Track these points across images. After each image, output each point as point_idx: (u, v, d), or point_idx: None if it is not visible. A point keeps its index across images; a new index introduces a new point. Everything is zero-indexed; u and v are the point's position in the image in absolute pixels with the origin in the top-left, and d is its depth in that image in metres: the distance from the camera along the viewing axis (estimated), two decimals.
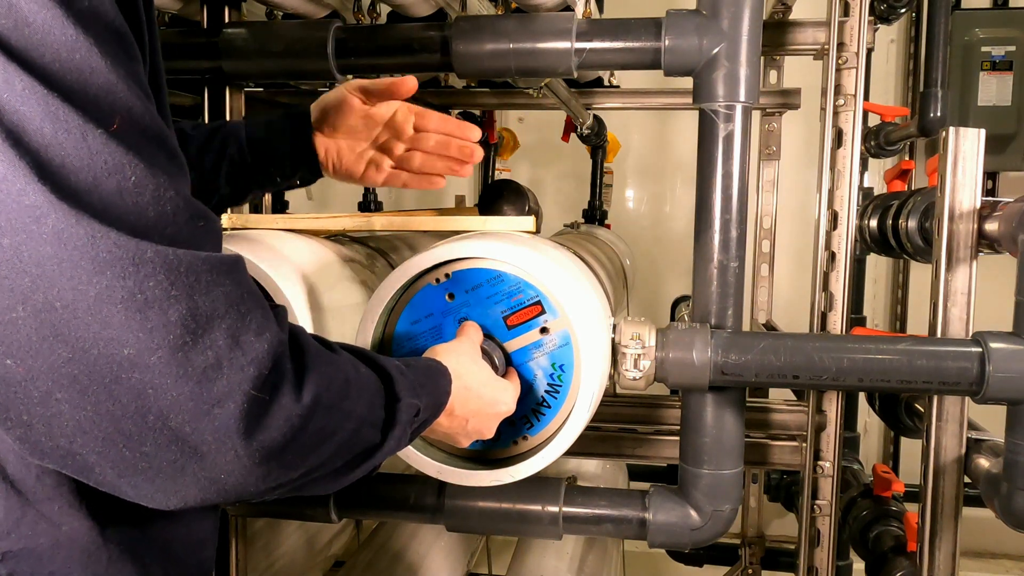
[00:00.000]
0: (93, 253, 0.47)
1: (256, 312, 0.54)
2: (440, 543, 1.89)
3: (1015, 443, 0.98)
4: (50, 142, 0.46)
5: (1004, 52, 3.06)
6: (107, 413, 0.49)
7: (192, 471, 0.52)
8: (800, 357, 0.98)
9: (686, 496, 1.09)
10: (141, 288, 0.48)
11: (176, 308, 0.49)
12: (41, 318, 0.47)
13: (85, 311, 0.47)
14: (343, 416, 0.61)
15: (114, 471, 0.51)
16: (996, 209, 1.06)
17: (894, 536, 1.54)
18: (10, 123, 0.46)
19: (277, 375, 0.55)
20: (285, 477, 0.57)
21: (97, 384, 0.48)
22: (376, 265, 1.49)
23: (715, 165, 1.03)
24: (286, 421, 0.54)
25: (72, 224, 0.47)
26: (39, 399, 0.48)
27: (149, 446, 0.50)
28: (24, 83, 0.46)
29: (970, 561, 3.29)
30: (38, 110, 0.46)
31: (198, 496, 0.53)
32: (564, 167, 3.64)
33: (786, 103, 2.02)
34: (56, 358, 0.48)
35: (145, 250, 0.49)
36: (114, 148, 0.49)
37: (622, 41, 1.07)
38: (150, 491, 0.53)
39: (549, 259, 0.96)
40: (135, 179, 0.49)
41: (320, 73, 1.17)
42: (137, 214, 0.49)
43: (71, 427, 0.49)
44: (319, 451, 0.59)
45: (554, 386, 0.96)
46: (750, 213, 1.09)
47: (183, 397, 0.50)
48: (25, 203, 0.46)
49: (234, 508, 1.24)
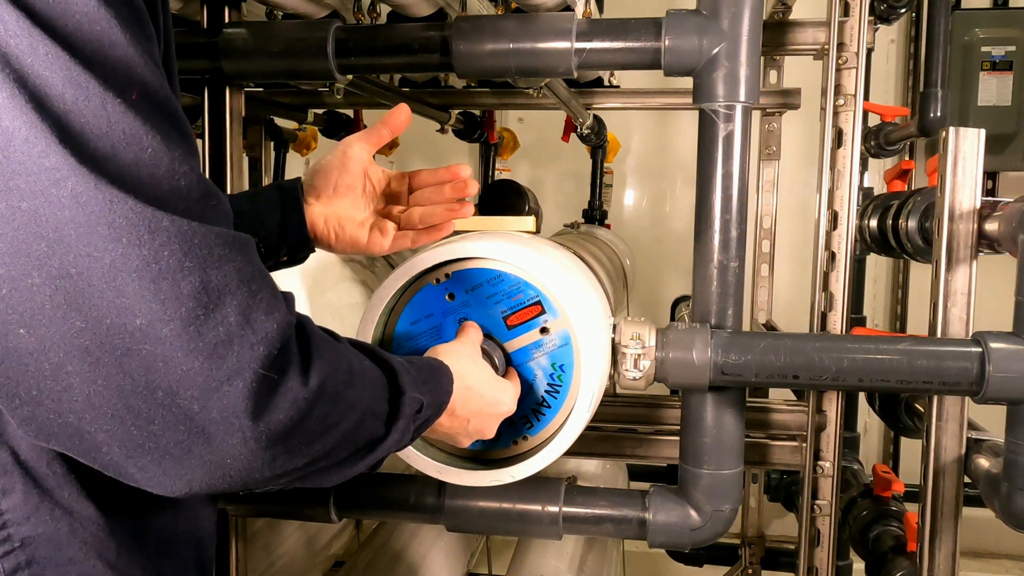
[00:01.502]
0: (111, 218, 0.47)
1: (267, 291, 0.55)
2: (440, 543, 1.89)
3: (1015, 443, 0.98)
4: (71, 108, 0.47)
5: (1004, 52, 3.06)
6: (117, 388, 0.49)
7: (198, 453, 0.52)
8: (800, 357, 0.98)
9: (686, 496, 1.09)
10: (156, 257, 0.48)
11: (189, 280, 0.50)
12: (56, 285, 0.47)
13: (100, 278, 0.47)
14: (347, 405, 0.61)
15: (122, 451, 0.51)
16: (996, 209, 1.06)
17: (894, 536, 1.54)
18: (34, 86, 0.46)
19: (285, 357, 0.54)
20: (290, 464, 0.57)
21: (108, 356, 0.48)
22: (376, 265, 1.49)
23: (715, 165, 1.03)
24: (292, 404, 0.54)
25: (91, 188, 0.47)
26: (50, 372, 0.49)
27: (157, 424, 0.50)
28: (48, 49, 0.47)
29: (970, 561, 3.29)
30: (60, 75, 0.47)
31: (204, 481, 0.53)
32: (564, 167, 3.64)
33: (786, 103, 2.02)
34: (69, 328, 0.48)
35: (161, 219, 0.49)
36: (132, 119, 0.49)
37: (622, 41, 1.07)
38: (156, 473, 0.52)
39: (549, 259, 0.96)
40: (151, 151, 0.50)
41: (320, 73, 1.17)
42: (153, 185, 0.50)
43: (81, 402, 0.49)
44: (324, 439, 0.59)
45: (554, 386, 0.96)
46: (750, 213, 1.09)
47: (193, 372, 0.50)
48: (46, 165, 0.46)
49: (234, 508, 1.24)
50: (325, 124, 2.58)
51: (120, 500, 0.63)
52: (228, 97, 1.24)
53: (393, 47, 1.17)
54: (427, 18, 1.36)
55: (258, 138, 2.19)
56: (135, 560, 0.64)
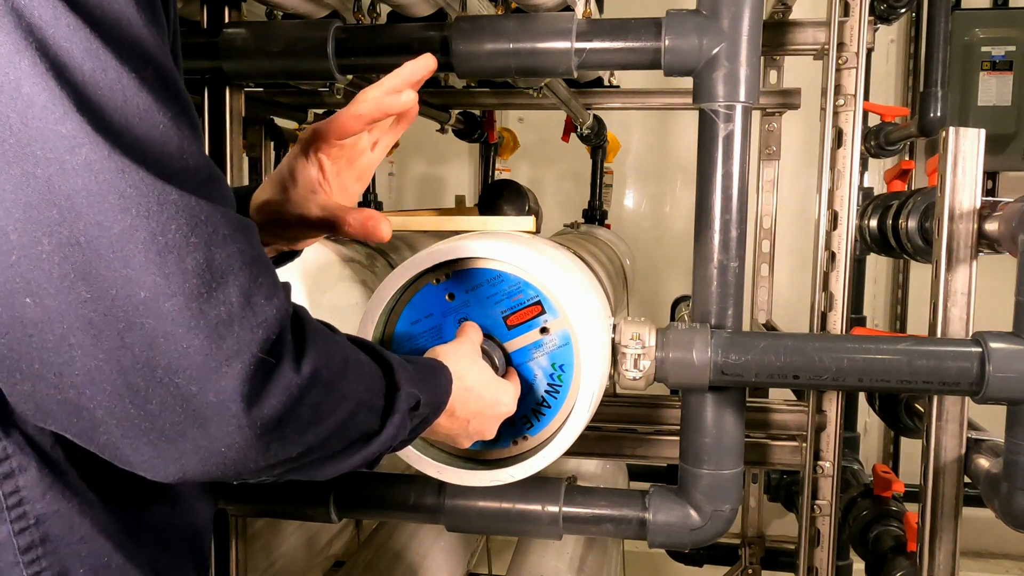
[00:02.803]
0: (121, 188, 0.48)
1: (267, 277, 0.55)
2: (440, 543, 1.89)
3: (1015, 443, 0.98)
4: (89, 79, 0.48)
5: (1004, 52, 3.06)
6: (117, 363, 0.49)
7: (193, 437, 0.52)
8: (800, 357, 0.98)
9: (686, 496, 1.09)
10: (163, 230, 0.49)
11: (194, 256, 0.50)
12: (64, 253, 0.48)
13: (108, 248, 0.48)
14: (341, 395, 0.61)
15: (119, 430, 0.51)
16: (996, 209, 1.06)
17: (894, 536, 1.54)
18: (55, 56, 0.47)
19: (281, 344, 0.55)
20: (284, 453, 0.57)
21: (111, 328, 0.49)
22: (376, 265, 1.49)
23: (715, 165, 1.03)
24: (285, 390, 0.55)
25: (104, 157, 0.48)
26: (53, 344, 0.49)
27: (155, 404, 0.50)
28: (70, 21, 0.48)
29: (970, 561, 3.29)
30: (80, 47, 0.48)
31: (198, 467, 0.53)
32: (564, 167, 3.65)
33: (786, 103, 2.02)
34: (75, 298, 0.48)
35: (169, 192, 0.50)
36: (146, 95, 0.50)
37: (622, 41, 1.07)
38: (150, 456, 0.53)
39: (549, 259, 0.96)
40: (162, 127, 0.51)
41: (320, 73, 1.17)
42: (164, 161, 0.51)
43: (81, 377, 0.50)
44: (317, 429, 0.59)
45: (554, 386, 0.96)
46: (750, 213, 1.09)
47: (192, 350, 0.50)
48: (62, 132, 0.47)
49: (234, 508, 1.24)
50: None
51: (116, 489, 0.63)
52: (228, 97, 1.25)
53: (393, 47, 1.17)
54: (427, 18, 1.36)
55: (258, 138, 2.19)
56: (128, 545, 0.65)
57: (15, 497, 0.58)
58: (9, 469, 0.57)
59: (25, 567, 0.58)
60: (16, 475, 0.58)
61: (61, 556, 0.59)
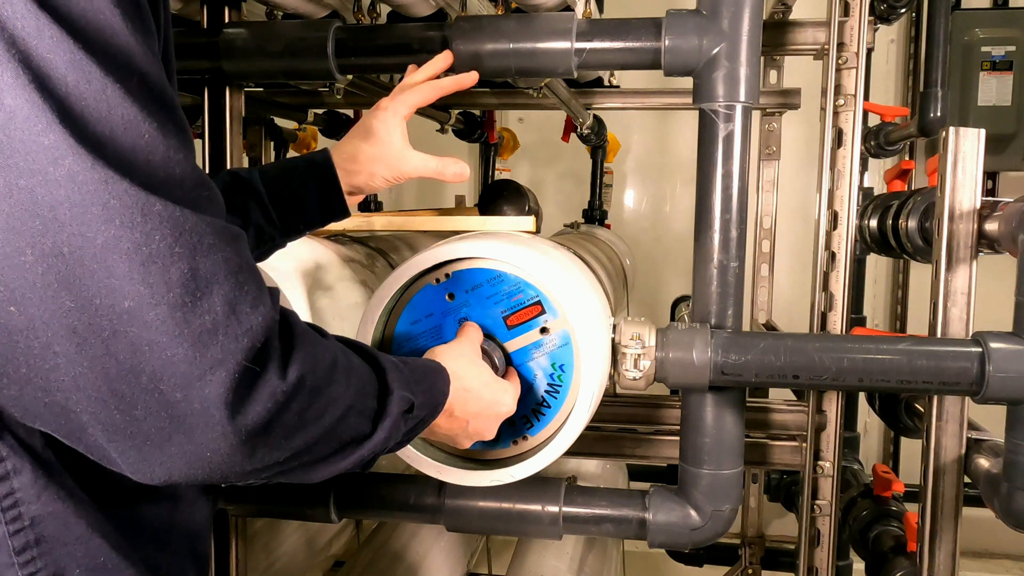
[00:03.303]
0: (105, 199, 0.48)
1: (253, 285, 0.55)
2: (440, 543, 1.89)
3: (1015, 443, 0.98)
4: (72, 90, 0.48)
5: (1004, 52, 3.06)
6: (102, 370, 0.50)
7: (178, 442, 0.52)
8: (800, 357, 0.98)
9: (686, 496, 1.09)
10: (147, 241, 0.49)
11: (178, 266, 0.50)
12: (48, 263, 0.48)
13: (91, 258, 0.48)
14: (329, 400, 0.62)
15: (104, 434, 0.52)
16: (996, 209, 1.06)
17: (894, 536, 1.54)
18: (37, 67, 0.47)
19: (267, 351, 0.55)
20: (271, 458, 0.58)
21: (95, 337, 0.49)
22: (376, 265, 1.49)
23: (715, 165, 1.03)
24: (270, 397, 0.55)
25: (87, 168, 0.48)
26: (39, 351, 0.49)
27: (140, 410, 0.51)
28: (53, 32, 0.48)
29: (970, 561, 3.29)
30: (64, 59, 0.48)
31: (183, 471, 0.54)
32: (564, 167, 3.65)
33: (786, 103, 2.02)
34: (59, 307, 0.49)
35: (154, 203, 0.50)
36: (130, 105, 0.50)
37: (622, 41, 1.07)
38: (135, 459, 0.53)
39: (549, 259, 0.96)
40: (148, 137, 0.51)
41: (320, 73, 1.17)
42: (148, 171, 0.51)
43: (67, 383, 0.50)
44: (304, 434, 0.60)
45: (554, 386, 0.96)
46: (750, 213, 1.09)
47: (177, 359, 0.50)
48: (45, 143, 0.47)
49: (234, 508, 1.24)
50: (325, 124, 2.58)
51: (111, 490, 0.63)
52: (228, 97, 1.24)
53: (393, 47, 1.17)
54: (427, 18, 1.36)
55: (258, 138, 2.19)
56: (123, 545, 0.64)
57: (10, 499, 0.58)
58: (4, 471, 0.58)
59: (20, 568, 0.58)
60: (11, 477, 0.58)
61: (56, 557, 0.60)
